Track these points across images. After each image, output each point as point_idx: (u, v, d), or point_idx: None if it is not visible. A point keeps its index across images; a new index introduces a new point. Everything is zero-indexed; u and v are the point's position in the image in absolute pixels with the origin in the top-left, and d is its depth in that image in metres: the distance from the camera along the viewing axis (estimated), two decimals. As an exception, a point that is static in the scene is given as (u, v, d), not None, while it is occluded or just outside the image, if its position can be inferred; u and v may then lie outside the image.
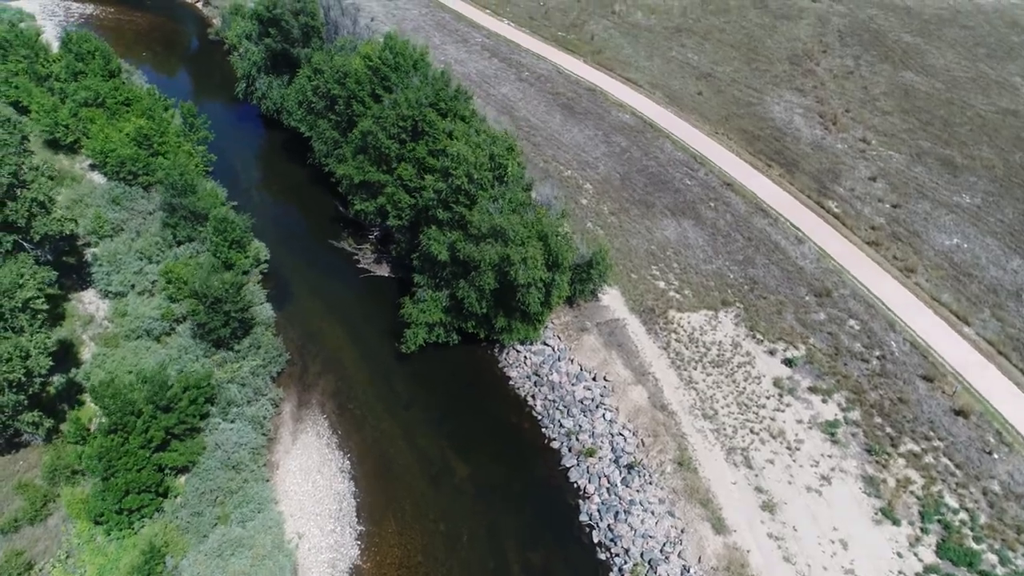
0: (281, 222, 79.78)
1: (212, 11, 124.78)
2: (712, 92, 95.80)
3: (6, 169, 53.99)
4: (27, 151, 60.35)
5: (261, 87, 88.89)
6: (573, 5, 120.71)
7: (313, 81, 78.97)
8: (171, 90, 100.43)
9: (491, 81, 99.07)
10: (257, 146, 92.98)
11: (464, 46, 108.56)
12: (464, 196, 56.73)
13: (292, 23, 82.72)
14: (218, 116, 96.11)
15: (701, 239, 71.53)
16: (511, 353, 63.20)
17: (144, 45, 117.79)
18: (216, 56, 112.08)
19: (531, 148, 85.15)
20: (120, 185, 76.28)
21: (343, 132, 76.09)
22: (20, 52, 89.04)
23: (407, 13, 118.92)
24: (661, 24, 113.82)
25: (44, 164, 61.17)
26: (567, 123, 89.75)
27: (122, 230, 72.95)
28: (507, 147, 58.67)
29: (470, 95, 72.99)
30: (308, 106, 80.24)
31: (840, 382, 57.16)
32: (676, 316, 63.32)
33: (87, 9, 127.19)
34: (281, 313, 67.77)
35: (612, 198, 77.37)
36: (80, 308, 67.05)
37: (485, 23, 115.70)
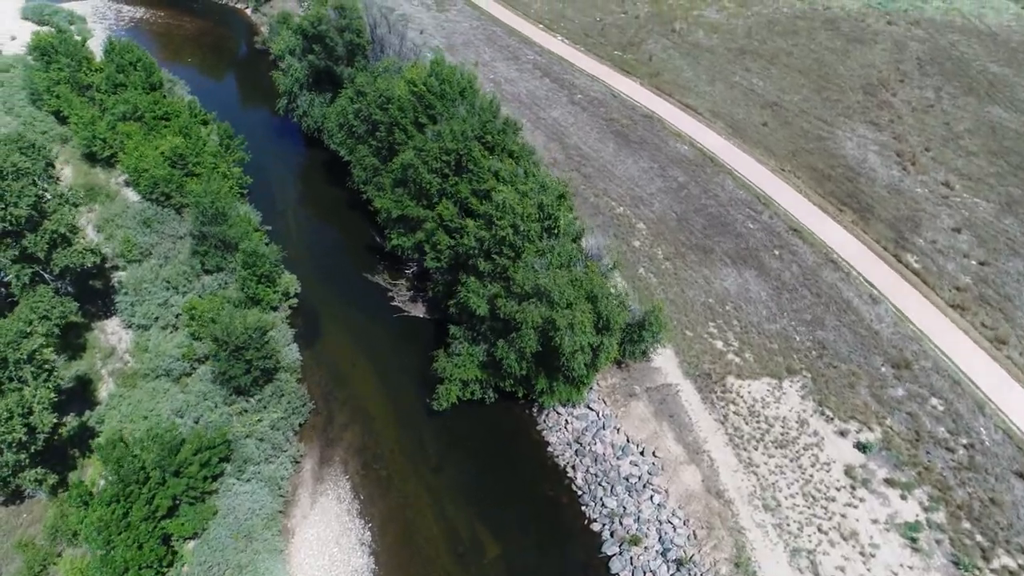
0: (315, 250, 75.49)
1: (260, 18, 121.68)
2: (778, 123, 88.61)
3: (25, 201, 50.48)
4: (52, 177, 56.87)
5: (302, 104, 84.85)
6: (631, 22, 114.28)
7: (355, 104, 74.44)
8: (213, 101, 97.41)
9: (542, 103, 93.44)
10: (296, 165, 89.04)
11: (515, 64, 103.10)
12: (508, 248, 51.35)
13: (336, 40, 78.37)
14: (258, 131, 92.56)
15: (764, 293, 64.91)
16: (551, 415, 57.66)
17: (190, 51, 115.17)
18: (261, 65, 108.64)
19: (581, 180, 79.39)
20: (152, 206, 72.88)
21: (383, 159, 71.38)
22: (63, 61, 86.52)
23: (457, 26, 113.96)
24: (724, 45, 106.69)
25: (70, 190, 57.78)
26: (621, 153, 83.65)
27: (150, 255, 69.51)
28: (558, 196, 53.07)
29: (519, 126, 67.53)
30: (349, 129, 75.78)
31: (922, 475, 50.24)
32: (735, 383, 56.99)
33: (137, 12, 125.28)
34: (309, 352, 63.40)
35: (667, 240, 71.13)
36: (102, 339, 63.64)
37: (538, 39, 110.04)
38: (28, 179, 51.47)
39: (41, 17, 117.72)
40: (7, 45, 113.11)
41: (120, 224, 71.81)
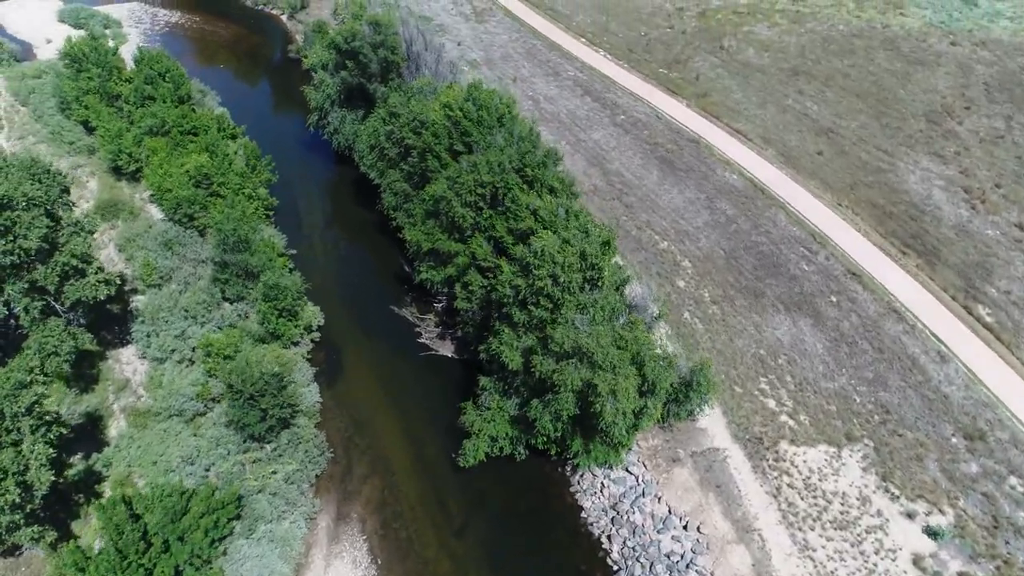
0: (341, 277, 71.72)
1: (295, 25, 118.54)
2: (834, 152, 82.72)
3: (35, 233, 47.27)
4: (68, 203, 53.68)
5: (333, 121, 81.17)
6: (677, 37, 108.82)
7: (387, 125, 70.48)
8: (244, 111, 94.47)
9: (582, 124, 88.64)
10: (324, 183, 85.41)
11: (555, 80, 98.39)
12: (546, 299, 46.80)
13: (371, 57, 74.45)
14: (288, 144, 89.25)
15: (820, 345, 59.50)
16: (586, 476, 53.04)
17: (224, 58, 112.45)
18: (294, 75, 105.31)
19: (623, 210, 74.53)
20: (174, 227, 69.73)
21: (415, 186, 67.30)
22: (93, 70, 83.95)
23: (496, 38, 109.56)
24: (776, 64, 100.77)
25: (85, 217, 54.55)
26: (665, 181, 78.55)
27: (170, 279, 66.31)
28: (603, 243, 48.38)
29: (560, 155, 62.99)
30: (380, 151, 71.86)
31: (1001, 570, 44.69)
32: (789, 451, 51.79)
33: (173, 17, 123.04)
34: (330, 392, 59.58)
35: (715, 281, 65.98)
36: (116, 369, 60.52)
37: (579, 53, 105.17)
38: (40, 209, 48.25)
39: (77, 21, 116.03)
40: (42, 49, 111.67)
41: (141, 245, 68.78)
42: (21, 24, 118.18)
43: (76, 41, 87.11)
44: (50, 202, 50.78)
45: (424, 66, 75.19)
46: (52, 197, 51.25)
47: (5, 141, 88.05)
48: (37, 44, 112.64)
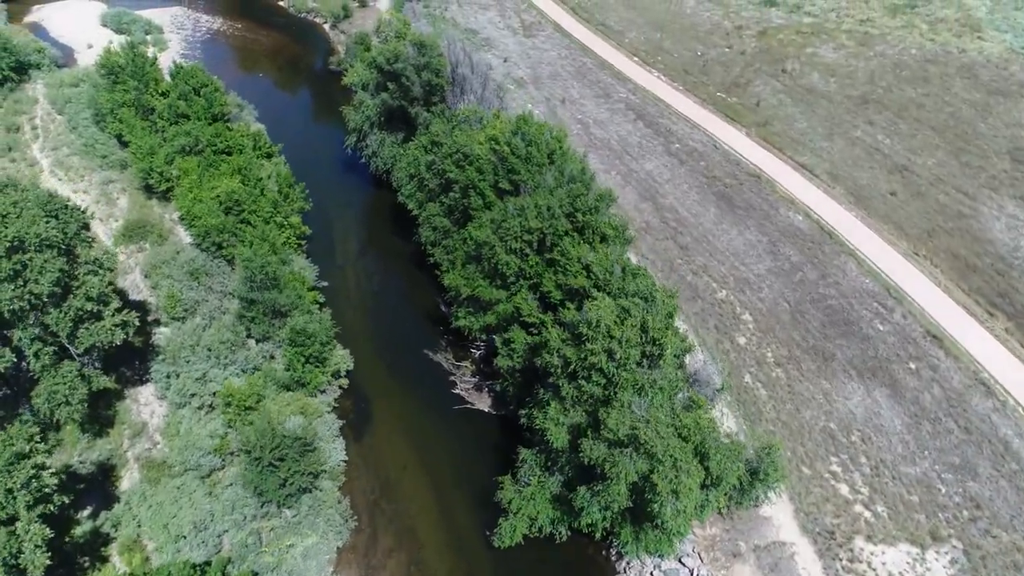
0: (373, 315, 67.21)
1: (338, 36, 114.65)
2: (909, 193, 75.83)
3: (47, 277, 43.41)
4: (87, 240, 49.90)
5: (372, 144, 76.77)
6: (736, 58, 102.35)
7: (428, 155, 65.77)
8: (281, 126, 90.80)
9: (634, 152, 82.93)
10: (360, 208, 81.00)
11: (606, 102, 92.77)
12: (599, 374, 41.47)
13: (413, 79, 69.80)
14: (324, 164, 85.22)
15: (899, 421, 53.20)
16: (634, 565, 47.60)
17: (264, 67, 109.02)
18: (334, 88, 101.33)
19: (677, 251, 68.76)
20: (202, 255, 65.89)
21: (456, 222, 62.48)
22: (129, 83, 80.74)
23: (544, 55, 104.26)
24: (843, 91, 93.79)
25: (105, 254, 50.73)
26: (724, 220, 72.52)
27: (195, 313, 62.45)
28: (667, 314, 42.89)
29: (614, 197, 57.54)
30: (419, 181, 67.17)
31: None
32: (866, 549, 45.72)
33: (215, 23, 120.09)
34: (356, 447, 55.08)
35: (779, 339, 59.93)
36: (134, 410, 56.76)
37: (632, 74, 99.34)
38: (54, 251, 44.42)
39: (119, 25, 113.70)
40: (83, 54, 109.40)
41: (167, 274, 65.04)
42: (64, 27, 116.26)
43: (113, 52, 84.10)
44: (67, 240, 46.95)
45: (469, 90, 70.30)
46: (70, 234, 47.45)
47: (39, 152, 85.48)
48: (78, 49, 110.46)
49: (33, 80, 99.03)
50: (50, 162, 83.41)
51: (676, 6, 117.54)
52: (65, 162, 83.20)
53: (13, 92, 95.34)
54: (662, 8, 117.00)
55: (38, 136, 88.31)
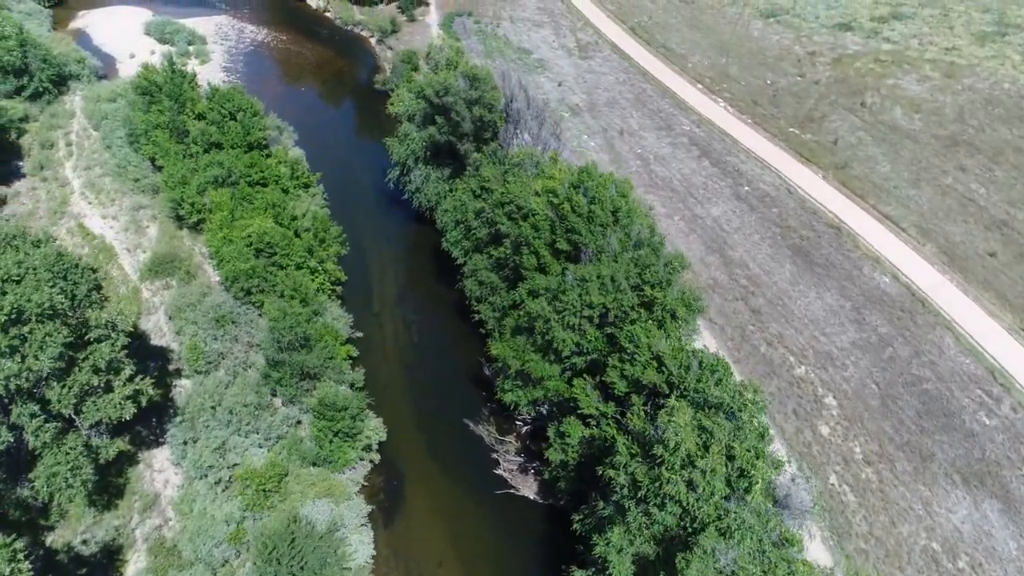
0: (410, 373, 61.16)
1: (384, 51, 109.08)
2: (1012, 254, 67.17)
3: (49, 353, 38.14)
4: (98, 301, 44.63)
5: (416, 179, 70.74)
6: (810, 89, 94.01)
7: (477, 201, 59.51)
8: (321, 149, 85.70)
9: (698, 194, 75.50)
10: (401, 247, 74.87)
11: (667, 135, 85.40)
12: (674, 504, 34.60)
13: (464, 114, 63.52)
14: (364, 196, 79.59)
15: (1015, 545, 45.23)
16: None
17: (307, 82, 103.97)
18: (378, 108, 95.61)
19: (749, 315, 61.30)
20: (230, 300, 60.62)
21: (505, 279, 56.09)
22: (165, 103, 76.05)
23: (601, 79, 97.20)
24: (929, 131, 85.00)
25: (119, 315, 45.33)
26: (801, 280, 64.80)
27: (218, 366, 57.18)
28: (758, 435, 35.81)
29: (686, 263, 50.60)
30: (466, 228, 60.96)
31: None
32: None
33: (260, 34, 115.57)
34: (385, 535, 49.10)
35: (868, 431, 52.24)
36: (147, 477, 51.57)
37: (696, 103, 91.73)
38: (57, 322, 39.17)
39: (163, 35, 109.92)
40: (125, 64, 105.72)
41: (192, 320, 59.88)
42: (107, 35, 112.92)
43: (150, 69, 79.55)
44: (75, 304, 41.74)
45: (524, 127, 63.72)
46: (79, 297, 42.23)
47: (71, 171, 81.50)
48: (120, 59, 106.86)
49: (72, 91, 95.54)
50: (81, 183, 79.34)
51: (743, 28, 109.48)
52: (97, 183, 79.05)
53: (51, 104, 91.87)
54: (728, 30, 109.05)
55: (72, 154, 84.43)
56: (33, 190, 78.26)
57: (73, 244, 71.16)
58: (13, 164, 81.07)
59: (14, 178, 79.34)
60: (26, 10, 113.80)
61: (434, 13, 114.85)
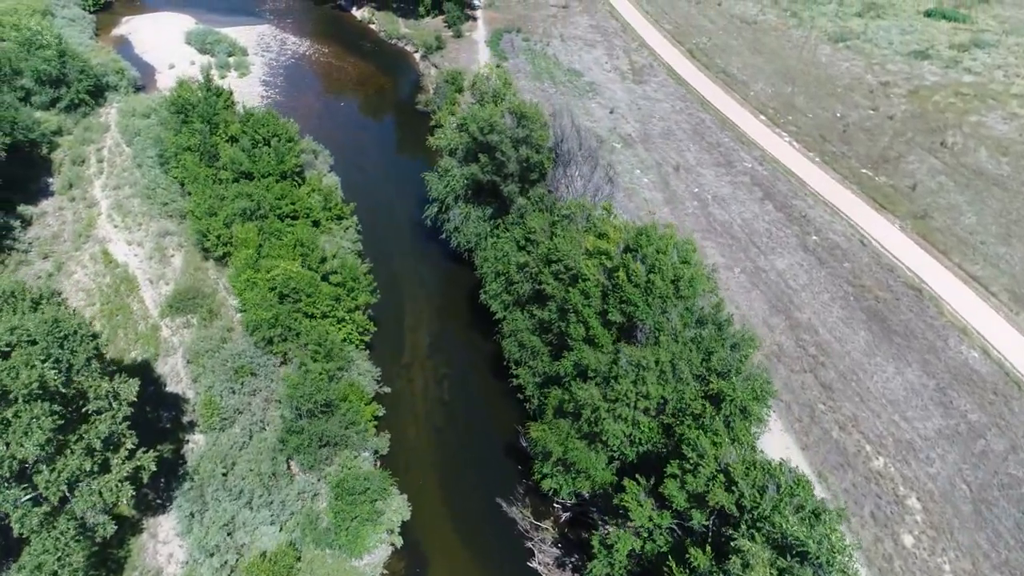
0: (439, 437, 55.75)
1: (428, 68, 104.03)
2: (1121, 330, 59.07)
3: (33, 439, 33.57)
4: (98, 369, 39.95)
5: (455, 217, 65.39)
6: (883, 124, 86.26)
7: (521, 253, 53.86)
8: (357, 174, 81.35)
9: (761, 242, 68.71)
10: (436, 290, 69.40)
11: (727, 172, 78.62)
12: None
13: (510, 154, 57.91)
14: (399, 229, 74.44)
15: None
16: None
17: (348, 99, 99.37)
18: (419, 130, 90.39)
19: (818, 391, 54.56)
20: (250, 350, 55.99)
21: (548, 343, 50.39)
22: (197, 125, 72.05)
23: (656, 106, 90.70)
24: (1019, 175, 76.84)
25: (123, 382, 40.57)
26: (877, 350, 57.76)
27: (234, 422, 52.59)
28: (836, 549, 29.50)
29: (756, 343, 44.30)
30: (507, 281, 55.36)
31: None
32: None
33: (302, 46, 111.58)
34: (406, 631, 43.70)
35: (959, 544, 45.20)
36: (149, 549, 47.04)
37: (758, 136, 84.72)
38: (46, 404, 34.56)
39: (203, 45, 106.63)
40: (163, 75, 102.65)
41: (210, 367, 55.42)
42: (149, 43, 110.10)
43: (185, 86, 75.75)
44: (71, 374, 37.22)
45: (576, 172, 57.79)
46: (76, 367, 37.71)
47: (100, 190, 78.08)
48: (160, 69, 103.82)
49: (109, 103, 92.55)
50: (109, 204, 75.84)
51: (809, 53, 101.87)
52: (124, 205, 75.48)
53: (86, 117, 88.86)
54: (793, 55, 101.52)
55: (102, 171, 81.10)
56: (60, 210, 74.99)
57: (95, 272, 67.63)
58: (43, 181, 78.02)
59: (42, 196, 76.22)
60: (70, 16, 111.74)
61: (482, 29, 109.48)
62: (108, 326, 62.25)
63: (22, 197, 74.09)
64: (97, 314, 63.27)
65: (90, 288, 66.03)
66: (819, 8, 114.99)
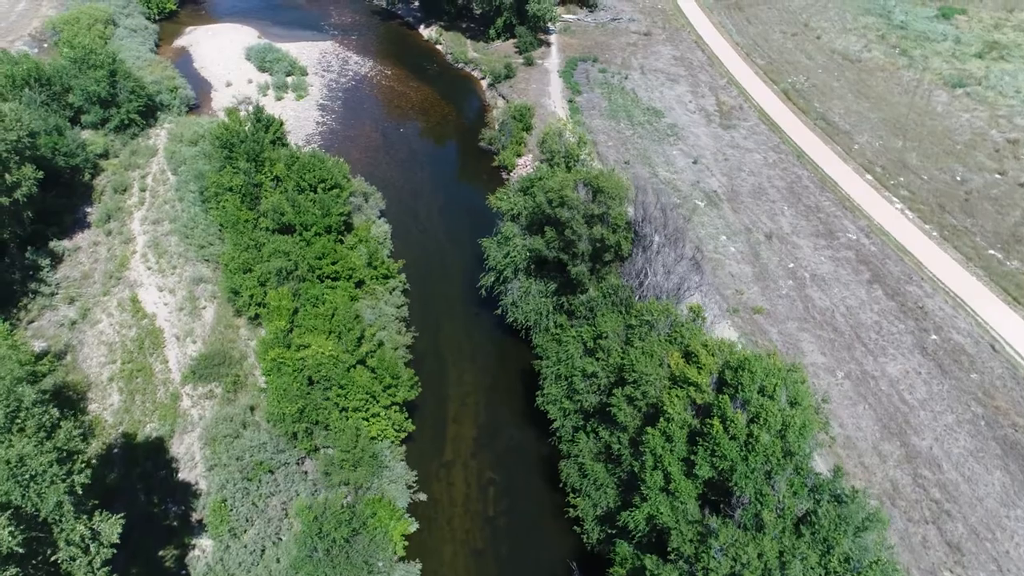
0: (478, 566, 47.27)
1: (495, 99, 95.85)
2: None
3: None
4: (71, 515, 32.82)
5: (514, 291, 56.99)
6: (1014, 193, 74.03)
7: (588, 360, 45.05)
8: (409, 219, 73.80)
9: (869, 339, 58.13)
10: (488, 374, 59.89)
11: (828, 245, 67.96)
12: None
13: (581, 232, 49.19)
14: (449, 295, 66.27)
15: None
16: None
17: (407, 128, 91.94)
18: (480, 170, 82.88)
19: (943, 552, 44.11)
20: (271, 443, 48.86)
21: (613, 474, 41.54)
22: (241, 164, 65.77)
23: (746, 157, 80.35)
24: None
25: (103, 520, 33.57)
26: (1018, 500, 46.79)
27: (245, 532, 45.48)
28: None
29: (885, 520, 34.44)
30: (569, 388, 46.64)
31: None
32: None
33: (364, 66, 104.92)
34: None
35: None
36: None
37: (864, 200, 73.63)
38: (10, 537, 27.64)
39: (262, 63, 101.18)
40: (220, 93, 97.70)
41: (225, 461, 48.53)
42: (209, 57, 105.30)
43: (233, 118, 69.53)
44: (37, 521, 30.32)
45: (658, 259, 48.53)
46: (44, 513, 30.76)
47: (139, 224, 72.78)
48: (216, 86, 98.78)
49: (160, 124, 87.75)
50: (146, 240, 70.37)
51: (922, 100, 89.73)
52: (161, 243, 69.91)
53: (135, 139, 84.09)
54: (903, 101, 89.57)
55: (144, 201, 75.87)
56: (95, 245, 69.88)
57: (121, 322, 61.99)
58: (80, 211, 73.18)
59: (78, 229, 71.33)
60: (133, 25, 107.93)
61: (555, 56, 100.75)
62: (126, 390, 56.36)
63: (56, 230, 69.37)
64: (116, 374, 57.49)
65: (113, 342, 60.32)
66: (932, 46, 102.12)
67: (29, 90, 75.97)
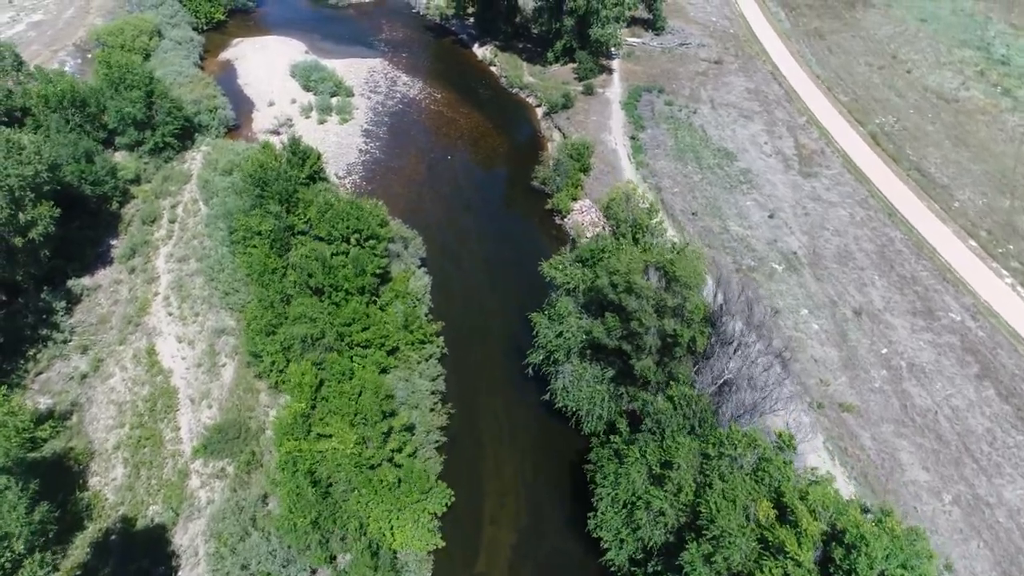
0: None
1: (550, 130, 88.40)
2: None
3: None
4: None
5: (565, 375, 49.60)
6: None
7: (655, 491, 37.41)
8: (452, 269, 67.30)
9: (981, 453, 49.08)
10: (530, 465, 51.76)
11: (927, 326, 58.78)
12: None
13: (649, 323, 41.50)
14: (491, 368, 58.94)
15: None
16: None
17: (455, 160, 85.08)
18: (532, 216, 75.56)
19: None
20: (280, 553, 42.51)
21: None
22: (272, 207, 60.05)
23: (829, 212, 71.36)
24: None
25: None
26: None
27: (246, 660, 39.14)
28: None
29: None
30: (629, 515, 39.08)
31: None
32: None
33: (413, 88, 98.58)
34: None
35: None
36: None
37: (968, 271, 64.13)
38: None
39: (307, 82, 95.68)
40: (262, 113, 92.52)
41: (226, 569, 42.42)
42: (253, 73, 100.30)
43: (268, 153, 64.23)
44: None
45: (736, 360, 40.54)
46: None
47: (164, 261, 67.69)
48: (259, 105, 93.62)
49: (197, 146, 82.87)
50: (170, 280, 65.27)
51: (1032, 150, 79.15)
52: (185, 284, 64.69)
53: (170, 162, 79.29)
54: (1009, 151, 79.27)
55: (171, 235, 70.78)
56: (116, 284, 65.00)
57: (134, 377, 56.86)
58: (105, 244, 68.47)
59: (100, 265, 66.55)
60: (178, 37, 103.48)
61: (617, 85, 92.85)
62: (132, 462, 51.05)
63: (77, 266, 64.63)
64: (123, 441, 52.26)
65: (123, 401, 55.09)
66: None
67: (63, 112, 71.58)
